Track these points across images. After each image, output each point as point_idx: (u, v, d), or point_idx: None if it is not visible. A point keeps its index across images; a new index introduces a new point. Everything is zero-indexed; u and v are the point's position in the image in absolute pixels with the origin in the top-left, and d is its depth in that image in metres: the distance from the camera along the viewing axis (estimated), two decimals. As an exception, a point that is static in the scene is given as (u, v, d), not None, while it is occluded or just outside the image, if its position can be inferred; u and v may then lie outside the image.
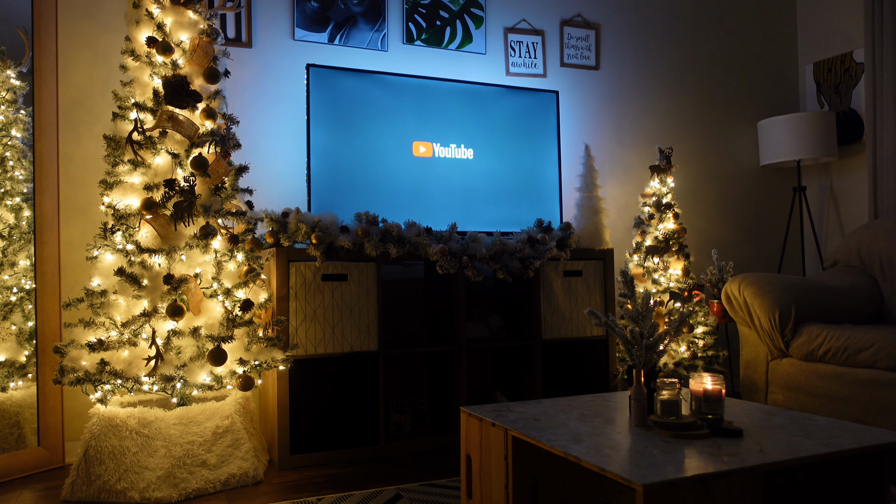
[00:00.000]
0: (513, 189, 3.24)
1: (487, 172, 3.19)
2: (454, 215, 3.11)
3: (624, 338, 1.82)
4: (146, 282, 2.31)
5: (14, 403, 2.59)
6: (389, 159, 3.01)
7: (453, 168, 3.13)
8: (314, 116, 2.87)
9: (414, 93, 3.06)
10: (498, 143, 3.21)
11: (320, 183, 2.87)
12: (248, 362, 2.39)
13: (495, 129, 3.21)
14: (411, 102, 3.05)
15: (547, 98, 3.32)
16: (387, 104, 3.01)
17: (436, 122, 3.10)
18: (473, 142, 3.16)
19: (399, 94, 3.03)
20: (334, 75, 2.92)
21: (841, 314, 2.93)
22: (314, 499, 2.23)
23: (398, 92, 3.03)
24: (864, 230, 3.27)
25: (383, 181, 2.99)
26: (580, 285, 3.17)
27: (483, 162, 3.18)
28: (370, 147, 2.98)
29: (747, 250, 4.15)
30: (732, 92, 4.19)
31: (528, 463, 1.72)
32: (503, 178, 3.22)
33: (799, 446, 1.51)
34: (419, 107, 3.07)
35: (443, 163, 3.11)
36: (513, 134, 3.25)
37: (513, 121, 3.25)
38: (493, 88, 3.22)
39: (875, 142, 3.68)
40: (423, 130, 3.08)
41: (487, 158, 3.19)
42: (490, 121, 3.20)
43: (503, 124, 3.23)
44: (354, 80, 2.96)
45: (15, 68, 2.68)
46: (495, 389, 3.27)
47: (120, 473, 2.21)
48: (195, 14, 2.55)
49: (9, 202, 2.66)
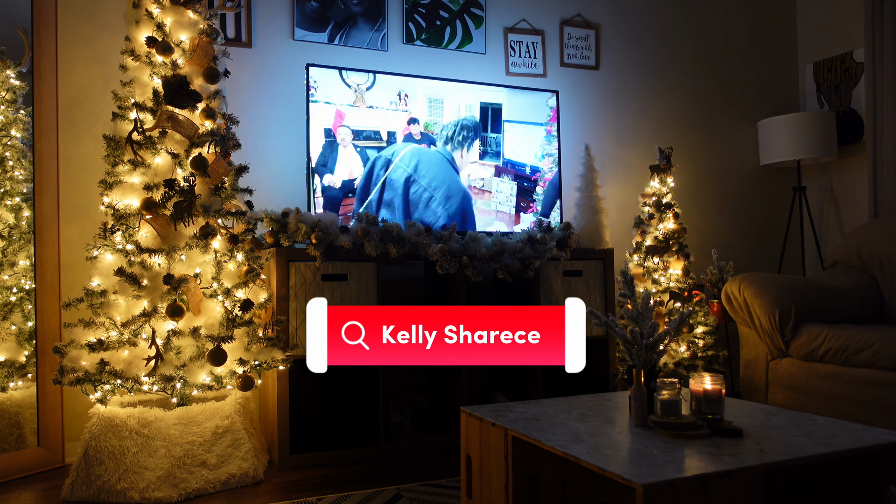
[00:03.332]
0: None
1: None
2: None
3: (624, 338, 1.82)
4: (146, 282, 2.31)
5: (14, 403, 2.59)
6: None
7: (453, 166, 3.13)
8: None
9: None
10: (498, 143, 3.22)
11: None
12: (247, 362, 2.39)
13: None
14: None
15: (547, 98, 3.31)
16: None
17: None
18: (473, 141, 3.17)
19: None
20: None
21: (841, 314, 2.92)
22: (314, 499, 2.23)
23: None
24: (864, 230, 3.27)
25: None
26: (580, 285, 3.17)
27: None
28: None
29: (747, 250, 4.15)
30: (732, 92, 4.19)
31: (528, 463, 1.72)
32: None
33: (799, 446, 1.51)
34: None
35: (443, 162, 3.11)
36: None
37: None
38: (493, 88, 3.22)
39: (875, 142, 3.67)
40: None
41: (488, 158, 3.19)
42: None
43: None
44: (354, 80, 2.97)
45: (15, 68, 2.68)
46: (495, 389, 3.26)
47: (120, 473, 2.21)
48: (195, 14, 2.55)
49: (9, 202, 2.66)
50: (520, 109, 3.25)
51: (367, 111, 2.98)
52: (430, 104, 3.09)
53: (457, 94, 3.14)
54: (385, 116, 3.02)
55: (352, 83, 2.96)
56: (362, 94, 2.98)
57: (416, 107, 3.07)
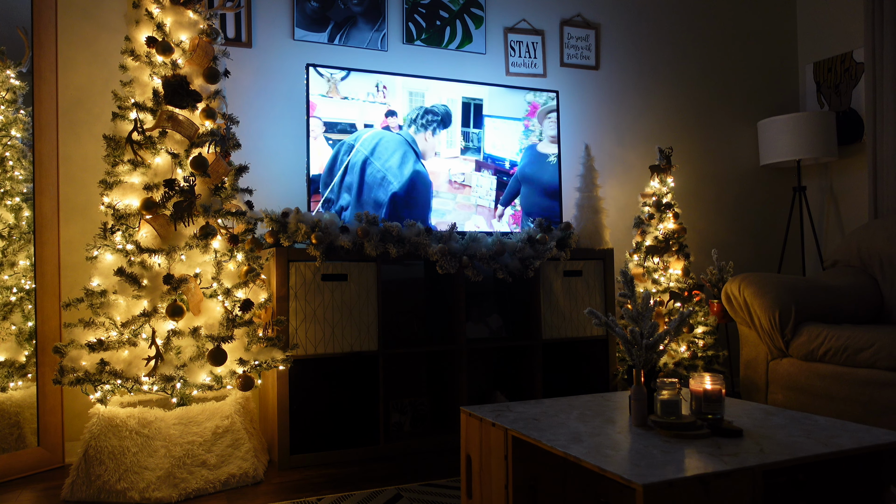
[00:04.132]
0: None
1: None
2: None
3: (624, 338, 1.82)
4: (146, 282, 2.31)
5: (14, 403, 2.59)
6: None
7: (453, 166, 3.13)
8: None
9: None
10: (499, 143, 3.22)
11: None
12: (247, 362, 2.39)
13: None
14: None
15: (547, 98, 3.31)
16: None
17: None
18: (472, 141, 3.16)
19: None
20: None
21: (841, 314, 2.92)
22: (314, 499, 2.23)
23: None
24: (863, 230, 3.27)
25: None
26: (580, 285, 3.17)
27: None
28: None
29: (747, 250, 4.15)
30: (732, 92, 4.19)
31: (528, 463, 1.72)
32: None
33: (799, 446, 1.51)
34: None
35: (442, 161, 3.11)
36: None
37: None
38: (494, 88, 3.22)
39: (875, 142, 3.67)
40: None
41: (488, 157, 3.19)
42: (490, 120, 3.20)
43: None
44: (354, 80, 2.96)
45: (15, 68, 2.68)
46: (495, 389, 3.27)
47: (120, 473, 2.21)
48: (195, 14, 2.55)
49: (9, 202, 2.66)
50: (500, 105, 3.22)
51: (340, 102, 2.92)
52: (410, 97, 3.05)
53: (437, 90, 3.10)
54: (361, 108, 2.95)
55: (324, 72, 2.90)
56: (336, 84, 2.91)
57: (396, 100, 3.02)
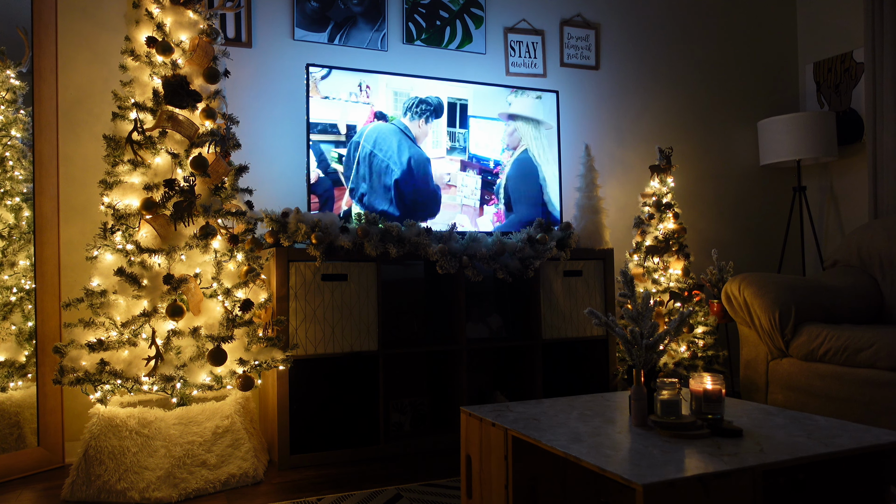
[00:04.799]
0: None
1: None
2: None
3: (624, 338, 1.82)
4: (146, 282, 2.31)
5: (14, 403, 2.59)
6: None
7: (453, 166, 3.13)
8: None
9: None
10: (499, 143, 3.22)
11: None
12: (247, 362, 2.39)
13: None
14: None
15: (547, 98, 3.31)
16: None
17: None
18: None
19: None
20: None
21: (841, 314, 2.93)
22: (314, 499, 2.23)
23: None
24: (863, 230, 3.27)
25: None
26: (580, 285, 3.17)
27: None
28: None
29: (747, 250, 4.15)
30: (732, 92, 4.19)
31: (528, 463, 1.72)
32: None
33: (799, 446, 1.51)
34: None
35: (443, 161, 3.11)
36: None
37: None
38: (494, 88, 3.22)
39: (875, 142, 3.67)
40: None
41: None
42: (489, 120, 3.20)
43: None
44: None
45: (15, 68, 2.67)
46: (495, 389, 3.27)
47: (120, 473, 2.21)
48: (195, 14, 2.55)
49: (9, 202, 2.66)
50: (484, 105, 3.21)
51: (321, 102, 2.89)
52: (395, 97, 3.03)
53: (424, 88, 3.10)
54: (344, 109, 2.93)
55: (315, 72, 2.88)
56: (317, 83, 2.89)
57: (380, 99, 3.00)
